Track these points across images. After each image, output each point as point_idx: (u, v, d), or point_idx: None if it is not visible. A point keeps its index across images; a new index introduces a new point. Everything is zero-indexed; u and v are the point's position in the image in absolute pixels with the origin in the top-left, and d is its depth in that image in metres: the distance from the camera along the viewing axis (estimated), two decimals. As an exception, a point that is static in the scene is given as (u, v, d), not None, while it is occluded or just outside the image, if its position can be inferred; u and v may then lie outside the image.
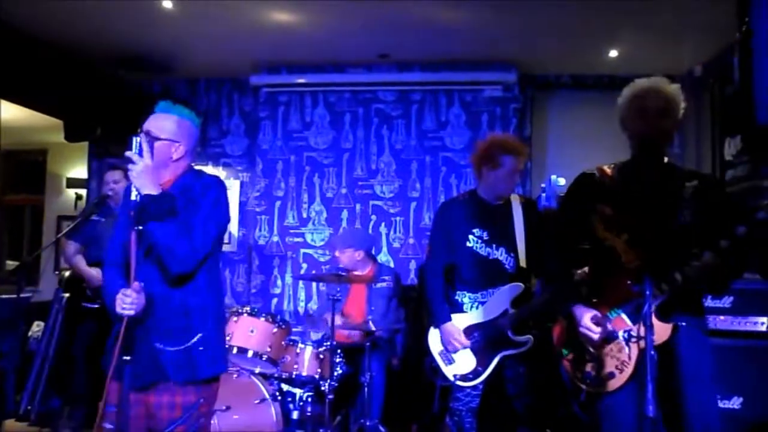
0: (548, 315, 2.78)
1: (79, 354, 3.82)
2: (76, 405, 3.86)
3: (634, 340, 2.05)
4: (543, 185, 4.43)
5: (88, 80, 4.82)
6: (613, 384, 2.08)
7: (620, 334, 2.09)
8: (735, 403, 3.06)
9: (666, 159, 2.18)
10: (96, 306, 3.76)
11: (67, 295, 3.99)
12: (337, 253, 4.09)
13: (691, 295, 2.09)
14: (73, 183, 6.87)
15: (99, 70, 4.91)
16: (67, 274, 4.04)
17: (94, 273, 3.79)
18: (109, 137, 5.06)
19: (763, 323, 3.15)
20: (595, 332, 2.09)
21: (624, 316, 2.10)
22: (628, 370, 2.06)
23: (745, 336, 3.14)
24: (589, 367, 2.14)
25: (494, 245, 2.94)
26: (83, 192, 6.28)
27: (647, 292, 1.88)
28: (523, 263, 2.94)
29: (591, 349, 2.14)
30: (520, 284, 2.91)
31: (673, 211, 2.05)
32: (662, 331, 2.01)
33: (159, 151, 2.03)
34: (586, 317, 2.11)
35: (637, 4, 3.75)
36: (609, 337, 2.10)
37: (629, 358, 2.06)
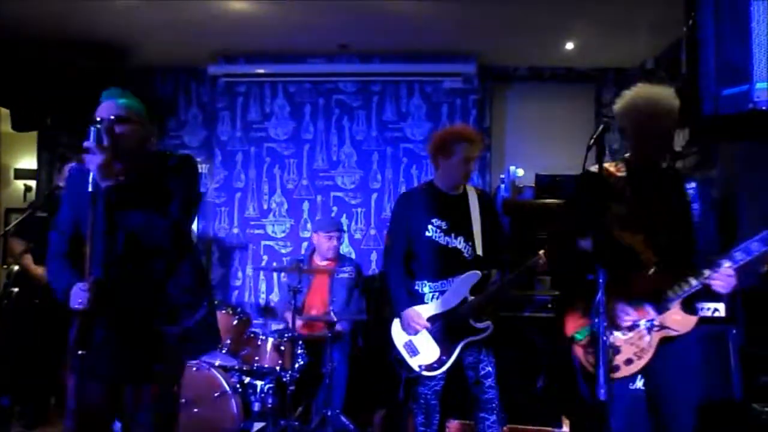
0: (504, 301, 2.85)
1: (28, 350, 3.70)
2: (26, 402, 3.74)
3: (656, 329, 2.15)
4: (502, 176, 4.50)
5: (37, 68, 4.65)
6: (630, 369, 2.17)
7: (642, 323, 2.18)
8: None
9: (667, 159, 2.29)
10: (44, 302, 3.66)
11: (15, 290, 3.87)
12: (321, 238, 4.06)
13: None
14: (21, 174, 6.63)
15: (49, 58, 4.73)
16: (15, 268, 3.91)
17: (41, 272, 3.69)
18: (59, 127, 4.89)
19: (709, 308, 3.28)
20: (624, 320, 2.18)
21: (648, 307, 2.18)
22: (646, 357, 2.16)
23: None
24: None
25: (453, 234, 2.98)
26: (32, 183, 6.06)
27: (600, 281, 1.96)
28: (480, 251, 2.99)
29: (611, 337, 2.19)
30: (478, 272, 2.95)
31: (682, 210, 2.16)
32: (687, 322, 2.13)
33: (131, 136, 2.00)
34: (615, 307, 2.18)
35: (592, -2, 3.83)
36: (632, 325, 2.19)
37: (649, 345, 2.16)
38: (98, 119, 1.96)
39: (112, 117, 1.98)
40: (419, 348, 2.95)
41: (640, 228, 2.17)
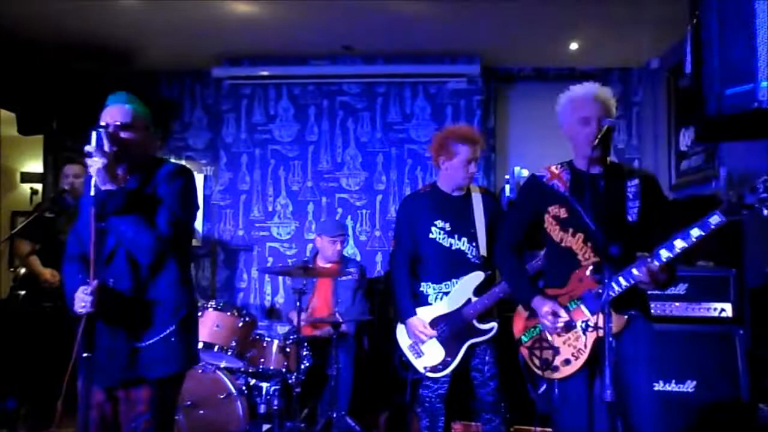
0: (509, 302, 2.85)
1: (35, 353, 3.72)
2: (32, 404, 3.76)
3: (591, 329, 2.16)
4: (507, 177, 4.49)
5: (43, 71, 4.67)
6: (568, 370, 2.19)
7: (578, 323, 2.20)
8: (688, 386, 3.16)
9: (609, 158, 2.28)
10: (51, 304, 3.68)
11: (22, 292, 3.89)
12: (326, 242, 4.05)
13: (638, 293, 2.21)
14: (27, 177, 6.67)
15: (55, 61, 4.76)
16: (22, 271, 3.93)
17: (48, 275, 3.70)
18: (65, 130, 4.92)
19: (716, 309, 3.26)
20: (553, 322, 2.20)
21: (583, 307, 2.20)
22: (583, 357, 2.18)
23: (698, 321, 3.25)
24: (546, 354, 2.24)
25: (456, 236, 2.97)
26: (39, 186, 6.09)
27: (605, 281, 1.98)
28: (484, 252, 2.98)
29: (550, 338, 2.24)
30: (482, 273, 2.94)
31: (621, 209, 2.18)
32: (617, 322, 2.13)
33: (136, 143, 2.01)
34: (546, 309, 2.20)
35: (596, -2, 3.82)
36: (568, 327, 2.21)
37: (585, 346, 2.18)
38: (104, 124, 1.96)
39: (118, 123, 1.99)
40: (424, 350, 2.95)
41: (578, 228, 2.20)
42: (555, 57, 4.85)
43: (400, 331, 3.03)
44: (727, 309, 3.25)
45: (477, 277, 2.94)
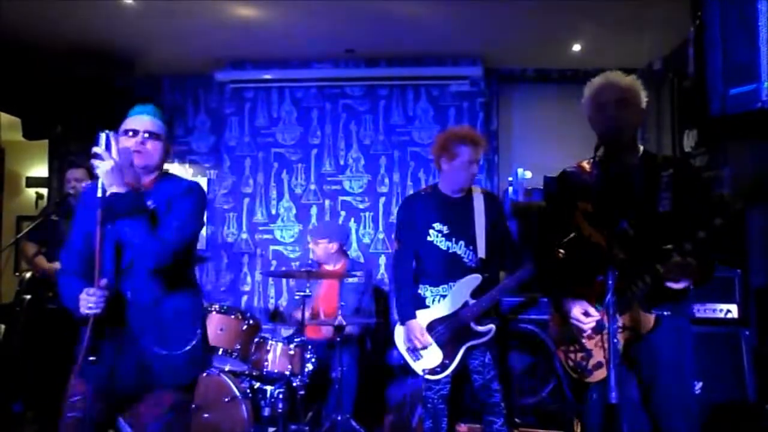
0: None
1: (41, 357, 3.73)
2: (38, 408, 3.77)
3: (620, 330, 2.09)
4: (510, 179, 4.49)
5: (47, 77, 4.70)
6: (601, 374, 2.13)
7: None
8: (695, 387, 3.15)
9: (642, 148, 2.22)
10: (57, 308, 3.69)
11: (28, 296, 3.90)
12: (311, 245, 4.09)
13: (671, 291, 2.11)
14: (32, 182, 6.71)
15: (59, 67, 4.78)
16: (28, 275, 3.95)
17: (56, 266, 3.72)
18: (70, 135, 4.94)
19: (721, 310, 3.25)
20: (585, 323, 2.15)
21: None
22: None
23: (704, 322, 3.24)
24: (579, 357, 2.19)
25: (454, 239, 2.96)
26: (44, 191, 6.12)
27: (609, 282, 1.94)
28: (482, 254, 2.96)
29: (582, 340, 2.19)
30: (478, 275, 2.93)
31: (652, 201, 2.10)
32: (646, 321, 2.09)
33: (159, 153, 2.05)
34: (577, 310, 2.16)
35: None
36: (598, 329, 2.15)
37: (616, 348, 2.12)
38: (130, 131, 1.99)
39: (146, 131, 2.01)
40: (422, 352, 2.95)
41: (607, 224, 2.11)
42: (557, 59, 4.85)
43: (398, 334, 3.02)
44: (732, 310, 3.24)
45: (474, 279, 2.93)
